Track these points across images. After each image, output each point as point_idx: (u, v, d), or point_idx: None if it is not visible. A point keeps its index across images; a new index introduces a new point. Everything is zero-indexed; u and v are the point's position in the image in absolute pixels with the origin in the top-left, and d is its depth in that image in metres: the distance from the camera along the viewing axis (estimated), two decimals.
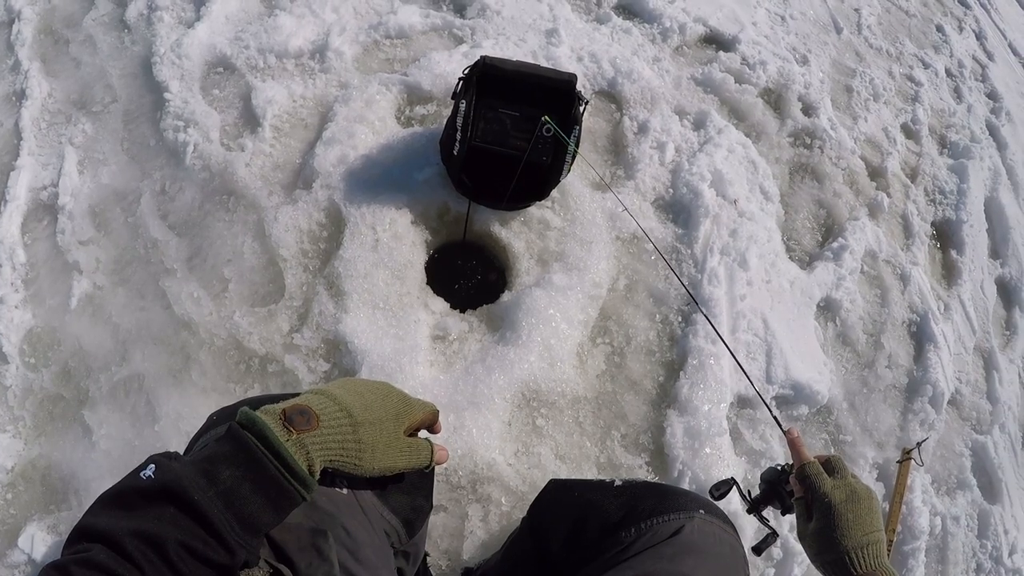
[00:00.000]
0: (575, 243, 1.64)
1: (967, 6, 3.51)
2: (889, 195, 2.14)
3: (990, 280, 2.21)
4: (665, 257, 1.71)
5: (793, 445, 0.90)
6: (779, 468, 0.95)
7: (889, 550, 1.55)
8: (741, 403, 1.60)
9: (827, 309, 1.83)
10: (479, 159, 1.50)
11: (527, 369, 1.46)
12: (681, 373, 1.55)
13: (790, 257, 1.87)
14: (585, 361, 1.54)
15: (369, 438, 0.67)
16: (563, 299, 1.54)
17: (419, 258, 1.59)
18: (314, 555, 0.68)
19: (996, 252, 2.31)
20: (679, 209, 1.80)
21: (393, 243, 1.55)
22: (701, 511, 0.87)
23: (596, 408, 1.50)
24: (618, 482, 0.95)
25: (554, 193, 1.66)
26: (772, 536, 0.97)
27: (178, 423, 1.34)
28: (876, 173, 2.20)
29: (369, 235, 1.54)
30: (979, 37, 3.32)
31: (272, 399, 0.70)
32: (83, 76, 1.87)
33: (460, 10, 2.09)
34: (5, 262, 1.52)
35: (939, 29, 3.09)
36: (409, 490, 0.85)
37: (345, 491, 0.76)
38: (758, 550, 0.97)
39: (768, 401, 1.62)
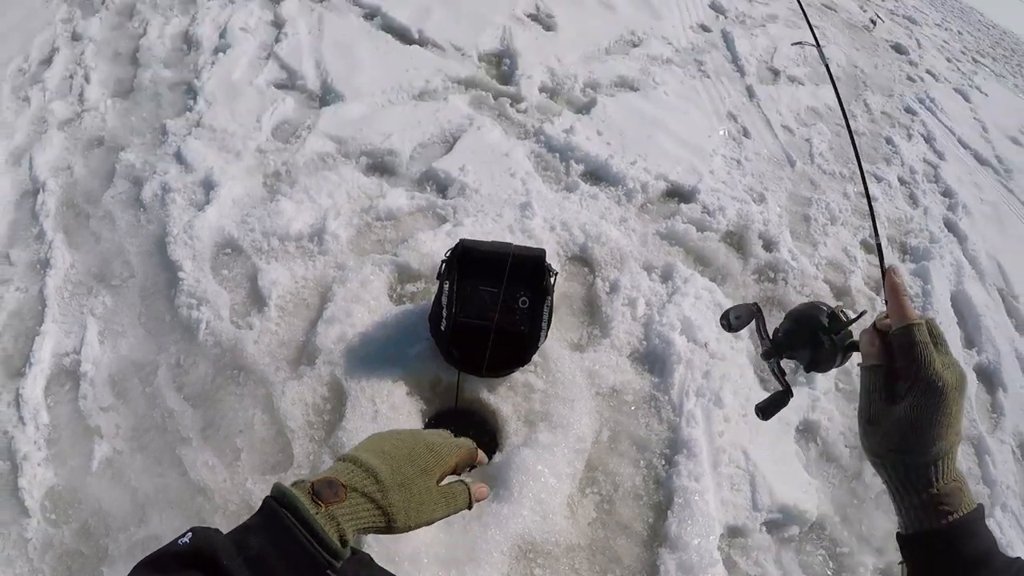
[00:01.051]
0: (558, 402, 1.83)
1: (913, 112, 3.87)
2: (855, 311, 2.35)
3: (968, 368, 2.36)
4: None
5: (894, 291, 0.71)
6: (825, 310, 0.82)
7: None
8: (732, 533, 1.73)
9: (806, 431, 1.99)
10: (464, 332, 1.73)
11: (521, 523, 1.61)
12: (669, 512, 1.70)
13: (764, 388, 2.05)
14: (576, 511, 1.69)
15: (400, 501, 0.70)
16: (550, 456, 1.72)
17: (416, 425, 1.77)
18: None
19: (971, 341, 2.47)
20: (654, 359, 2.01)
21: (391, 413, 1.75)
22: None
23: (591, 554, 1.64)
24: None
25: (536, 358, 1.87)
26: (785, 395, 0.88)
27: None
28: (841, 292, 2.42)
29: (369, 407, 1.74)
30: (927, 140, 3.63)
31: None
32: (103, 251, 2.11)
33: (442, 190, 2.39)
34: (29, 421, 1.70)
35: (888, 141, 3.42)
36: None
37: None
38: (766, 411, 0.88)
39: (760, 526, 1.75)
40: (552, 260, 1.81)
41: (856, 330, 0.79)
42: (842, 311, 0.82)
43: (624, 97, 2.97)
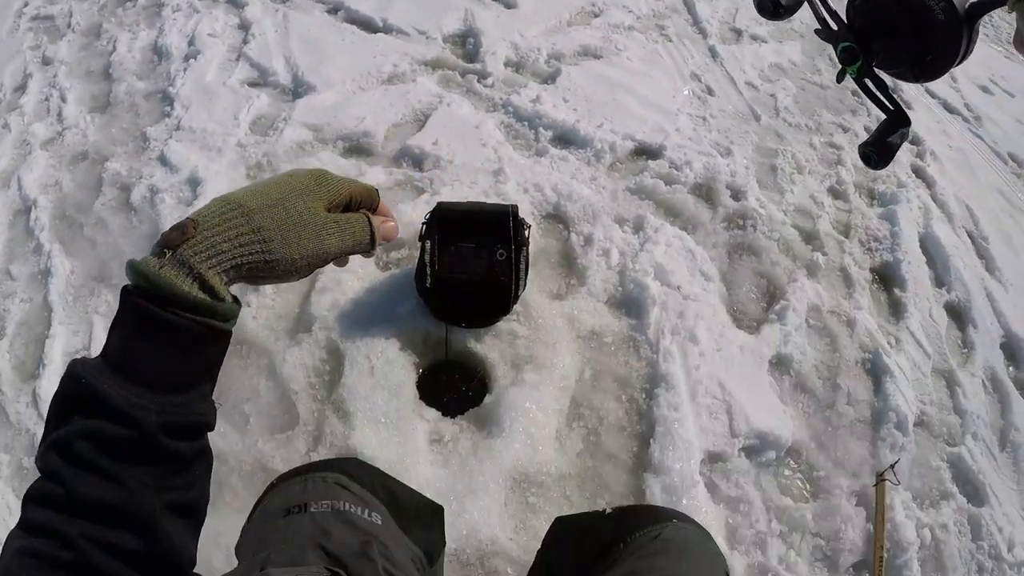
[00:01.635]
0: (541, 346, 2.04)
1: None
2: (825, 253, 2.49)
3: (938, 307, 2.50)
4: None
5: None
6: None
7: (880, 568, 1.76)
8: (711, 458, 1.92)
9: (780, 364, 2.15)
10: (448, 287, 1.95)
11: (514, 456, 1.83)
12: (651, 440, 1.90)
13: (737, 326, 2.25)
14: (564, 443, 1.91)
15: (271, 222, 0.60)
16: (537, 394, 1.94)
17: (410, 378, 1.99)
18: (363, 558, 0.85)
19: (940, 281, 2.60)
20: (629, 303, 2.21)
21: (386, 368, 1.97)
22: (674, 519, 1.03)
23: (580, 482, 1.85)
24: (609, 510, 1.11)
25: (517, 307, 2.08)
26: (896, 119, 0.64)
27: (217, 539, 1.64)
28: (810, 236, 2.57)
29: (365, 364, 1.96)
30: (894, 90, 3.83)
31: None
32: (100, 254, 2.30)
33: (418, 164, 2.60)
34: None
35: (855, 93, 3.55)
36: (426, 526, 1.07)
37: (379, 521, 0.97)
38: (879, 150, 0.65)
39: (738, 451, 1.96)
40: (527, 219, 2.04)
41: None
42: None
43: (588, 65, 3.18)
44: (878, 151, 0.65)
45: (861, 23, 0.60)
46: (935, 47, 0.57)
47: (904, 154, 3.19)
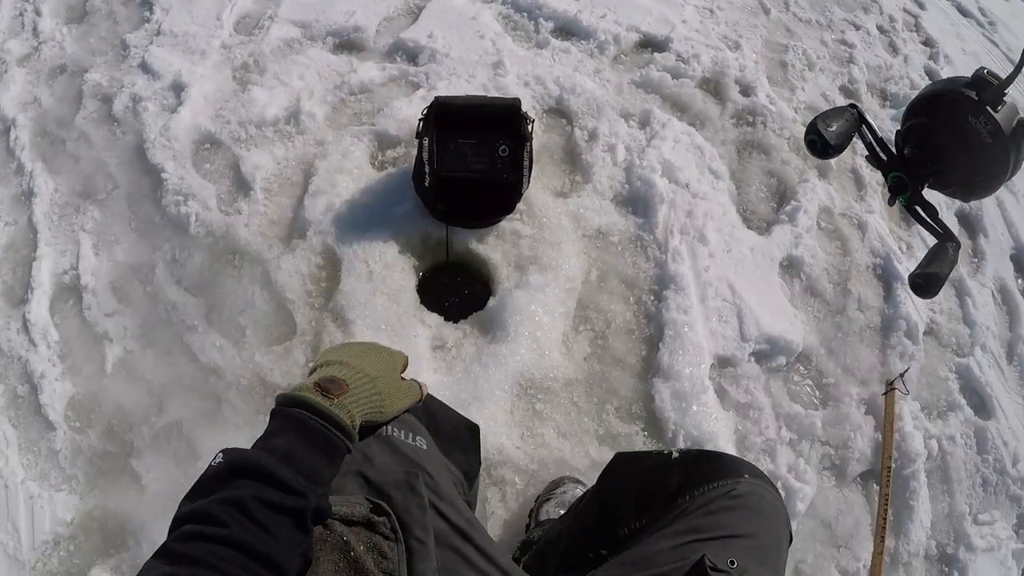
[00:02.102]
0: (546, 246, 1.87)
1: None
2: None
3: (949, 214, 2.35)
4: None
5: None
6: (962, 79, 0.56)
7: (888, 478, 1.70)
8: (721, 363, 1.80)
9: (790, 267, 2.02)
10: (448, 186, 1.75)
11: (520, 361, 1.68)
12: (660, 344, 1.76)
13: (747, 226, 2.08)
14: (571, 347, 1.76)
15: (384, 389, 0.83)
16: (542, 296, 1.77)
17: (410, 281, 1.83)
18: (408, 491, 0.81)
19: None
20: (636, 201, 2.03)
21: (385, 272, 1.79)
22: (746, 475, 0.95)
23: (588, 387, 1.72)
24: (675, 453, 1.03)
25: (521, 206, 1.89)
26: (945, 244, 0.62)
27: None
28: None
29: (363, 268, 1.78)
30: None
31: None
32: (83, 169, 2.11)
33: (412, 58, 2.35)
34: (40, 342, 1.75)
35: None
36: (464, 448, 1.04)
37: (424, 446, 0.91)
38: (929, 281, 0.61)
39: (748, 356, 1.83)
40: (529, 113, 1.81)
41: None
42: (989, 72, 0.54)
43: None
44: (926, 281, 0.62)
45: (910, 151, 0.57)
46: (984, 168, 0.54)
47: (917, 55, 2.97)
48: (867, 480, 1.74)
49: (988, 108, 0.53)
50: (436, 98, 1.75)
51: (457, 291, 1.88)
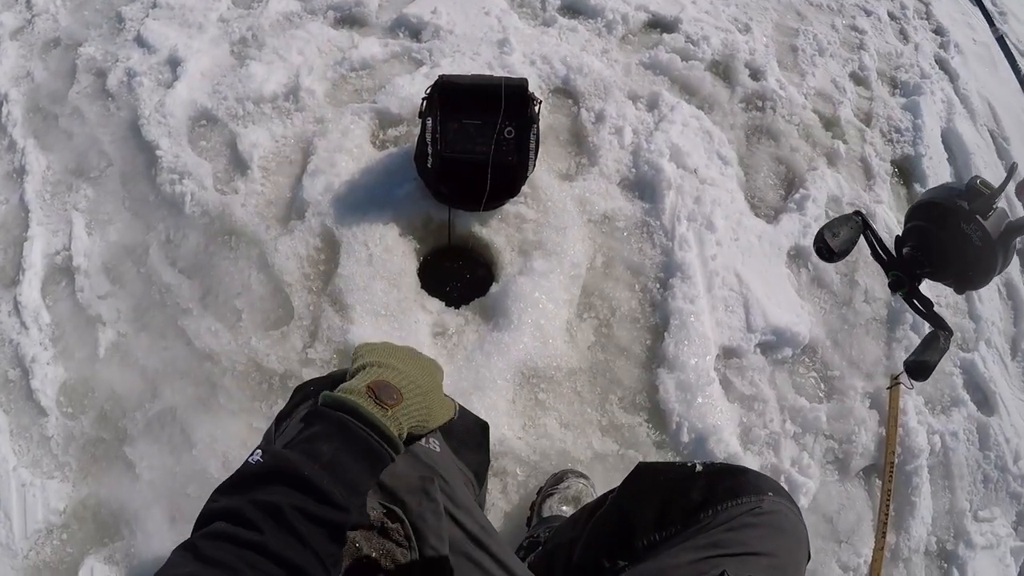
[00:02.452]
0: (551, 231, 1.80)
1: None
2: (845, 141, 2.26)
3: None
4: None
5: None
6: (958, 188, 0.61)
7: (891, 473, 1.66)
8: (727, 354, 1.74)
9: (797, 256, 1.96)
10: (451, 168, 1.68)
11: (522, 350, 1.62)
12: (666, 334, 1.70)
13: (755, 214, 2.01)
14: (575, 335, 1.70)
15: (431, 402, 0.80)
16: (546, 282, 1.71)
17: (411, 265, 1.76)
18: (423, 496, 0.80)
19: (960, 178, 2.38)
20: (643, 186, 1.95)
21: (385, 255, 1.72)
22: (770, 493, 0.93)
23: (591, 377, 1.66)
24: (699, 466, 1.00)
25: (525, 189, 1.82)
26: (937, 335, 0.68)
27: (213, 445, 1.50)
28: (830, 123, 2.33)
29: (363, 251, 1.71)
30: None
31: (337, 378, 0.85)
32: (77, 146, 2.02)
33: (415, 35, 2.26)
34: (31, 324, 1.68)
35: None
36: (475, 447, 1.02)
37: (438, 448, 0.90)
38: (921, 368, 0.67)
39: (754, 347, 1.77)
40: (536, 94, 1.72)
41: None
42: (981, 180, 0.59)
43: None
44: (919, 367, 0.66)
45: (908, 251, 0.64)
46: (975, 268, 0.61)
47: (928, 43, 2.89)
48: (870, 475, 1.69)
49: (978, 217, 0.58)
50: (441, 76, 1.67)
51: (459, 276, 1.81)
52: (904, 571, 1.60)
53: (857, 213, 0.70)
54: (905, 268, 0.66)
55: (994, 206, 0.61)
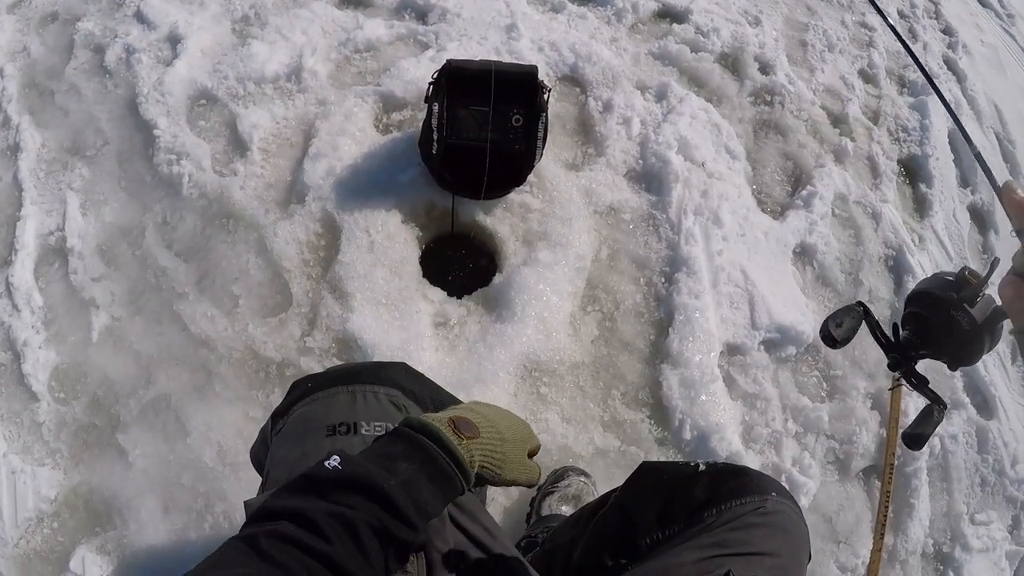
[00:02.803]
0: (556, 221, 1.75)
1: None
2: (853, 139, 2.22)
3: (962, 208, 2.28)
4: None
5: (1019, 207, 0.59)
6: (949, 278, 0.67)
7: (891, 474, 1.64)
8: (731, 351, 1.71)
9: (803, 254, 1.92)
10: (456, 155, 1.62)
11: (525, 343, 1.58)
12: (670, 329, 1.66)
13: (762, 209, 1.97)
14: (579, 329, 1.65)
15: (510, 453, 0.79)
16: (551, 274, 1.66)
17: (413, 253, 1.71)
18: None
19: (965, 180, 2.37)
20: (650, 178, 1.90)
21: (387, 243, 1.67)
22: (774, 493, 0.92)
23: (594, 371, 1.62)
24: (702, 466, 1.00)
25: (531, 178, 1.77)
26: (933, 409, 0.72)
27: (208, 434, 1.45)
28: (838, 120, 2.29)
29: (364, 238, 1.66)
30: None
31: (336, 375, 0.88)
32: (73, 124, 1.95)
33: (422, 17, 2.19)
34: (23, 307, 1.62)
35: None
36: None
37: None
38: (918, 439, 0.72)
39: (758, 345, 1.73)
40: (545, 82, 1.66)
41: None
42: (969, 271, 0.67)
43: None
44: (914, 440, 0.71)
45: (905, 335, 0.72)
46: (965, 349, 0.68)
47: (937, 43, 2.86)
48: (869, 476, 1.67)
49: (966, 305, 0.65)
50: (448, 61, 1.60)
51: (462, 265, 1.76)
52: (901, 573, 1.58)
53: (859, 303, 0.77)
54: (902, 350, 0.73)
55: (980, 294, 0.67)
